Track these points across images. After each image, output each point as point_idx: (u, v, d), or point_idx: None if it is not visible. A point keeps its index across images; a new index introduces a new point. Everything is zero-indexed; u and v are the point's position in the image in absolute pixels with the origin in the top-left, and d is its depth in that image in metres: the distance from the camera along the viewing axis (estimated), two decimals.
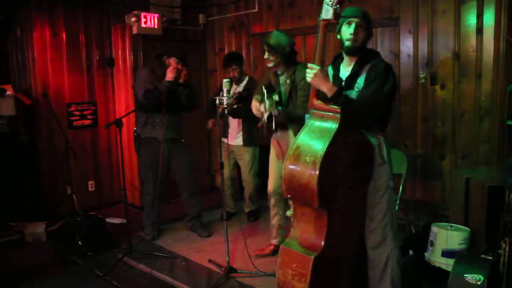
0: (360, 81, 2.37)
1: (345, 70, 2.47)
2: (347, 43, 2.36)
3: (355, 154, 2.32)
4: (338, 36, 2.41)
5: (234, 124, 4.29)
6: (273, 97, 3.12)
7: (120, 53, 4.92)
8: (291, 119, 3.12)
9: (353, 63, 2.42)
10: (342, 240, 2.36)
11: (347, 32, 2.35)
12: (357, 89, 2.38)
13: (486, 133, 3.52)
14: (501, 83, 3.33)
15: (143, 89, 3.63)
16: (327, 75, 2.34)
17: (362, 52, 2.40)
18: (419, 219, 3.87)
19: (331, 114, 2.24)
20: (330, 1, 2.17)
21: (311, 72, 2.28)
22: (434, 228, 3.15)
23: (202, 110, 4.90)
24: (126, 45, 4.82)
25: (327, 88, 2.27)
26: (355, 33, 2.33)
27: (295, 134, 3.13)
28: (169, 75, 3.63)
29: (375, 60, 2.39)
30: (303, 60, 4.39)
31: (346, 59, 2.48)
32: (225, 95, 3.13)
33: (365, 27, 2.37)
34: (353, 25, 2.34)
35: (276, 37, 3.20)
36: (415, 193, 3.94)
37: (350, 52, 2.39)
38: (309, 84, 2.44)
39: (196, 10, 5.36)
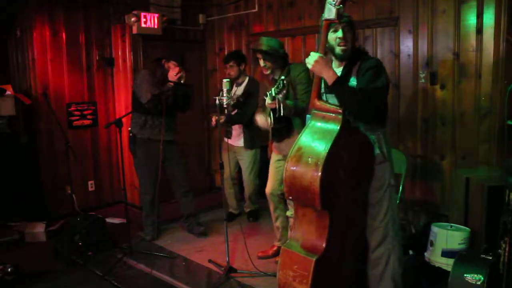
0: (353, 79, 2.38)
1: (336, 71, 2.47)
2: (338, 49, 2.38)
3: (357, 154, 2.31)
4: (326, 45, 2.37)
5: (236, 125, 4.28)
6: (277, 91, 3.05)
7: (120, 53, 4.92)
8: (296, 111, 3.06)
9: (343, 64, 2.44)
10: (343, 240, 2.35)
11: (334, 37, 2.36)
12: None
13: (486, 133, 3.51)
14: (501, 83, 3.33)
15: (150, 94, 3.59)
16: (328, 62, 2.30)
17: (351, 52, 2.42)
18: (419, 219, 3.87)
19: (333, 115, 2.21)
20: (333, 1, 2.13)
21: (311, 59, 2.24)
22: (434, 228, 3.15)
23: (202, 110, 4.90)
24: (126, 45, 4.82)
25: (327, 75, 2.24)
26: (344, 37, 2.35)
27: (300, 126, 3.11)
28: (172, 77, 3.63)
29: (364, 57, 2.42)
30: (302, 60, 4.37)
31: (335, 61, 2.49)
32: (225, 95, 3.13)
33: (351, 29, 2.40)
34: (340, 29, 2.35)
35: (266, 42, 3.19)
36: (415, 193, 3.94)
37: (344, 57, 2.41)
38: (306, 76, 2.39)
39: (196, 10, 5.36)
